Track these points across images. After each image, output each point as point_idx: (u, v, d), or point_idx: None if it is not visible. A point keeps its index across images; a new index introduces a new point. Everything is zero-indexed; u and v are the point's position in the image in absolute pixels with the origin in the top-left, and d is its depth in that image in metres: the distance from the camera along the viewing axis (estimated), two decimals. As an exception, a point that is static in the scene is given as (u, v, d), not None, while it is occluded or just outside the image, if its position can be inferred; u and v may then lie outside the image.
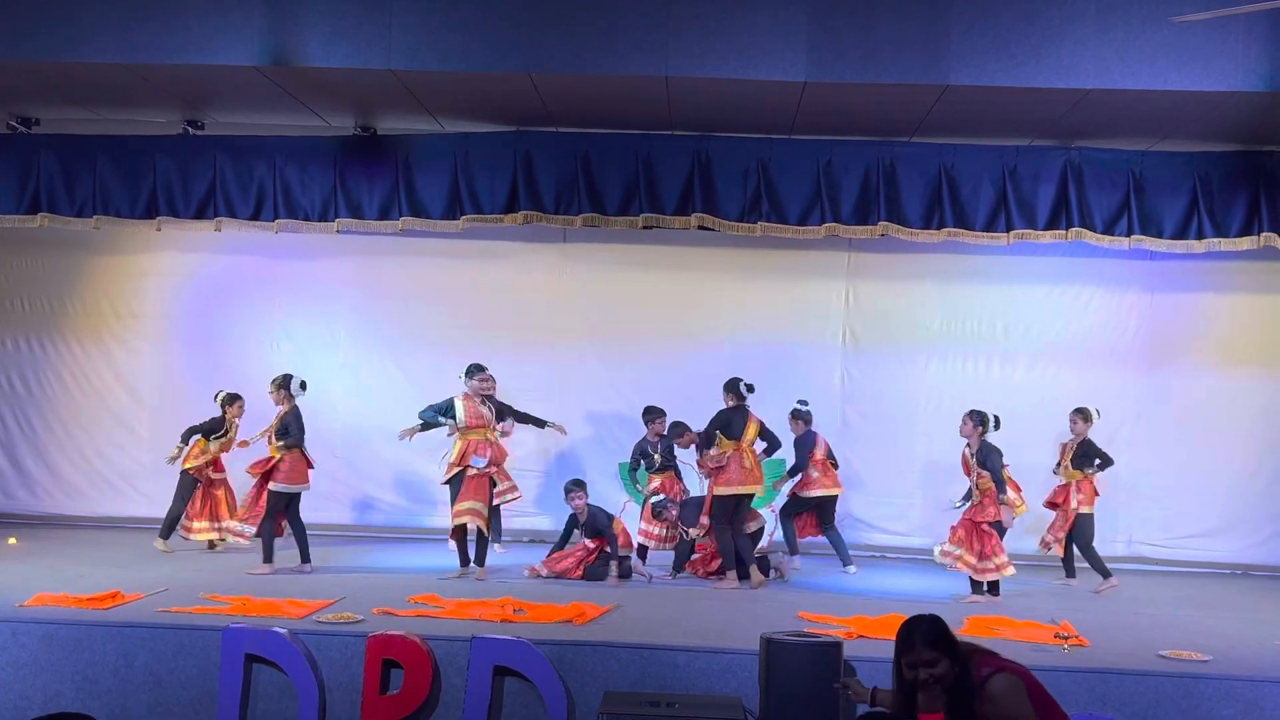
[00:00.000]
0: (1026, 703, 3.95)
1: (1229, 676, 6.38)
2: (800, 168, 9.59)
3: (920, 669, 3.96)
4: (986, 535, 8.68)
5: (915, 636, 4.00)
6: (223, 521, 9.92)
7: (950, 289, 10.98)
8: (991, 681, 3.94)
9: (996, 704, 3.90)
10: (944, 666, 3.96)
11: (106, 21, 8.29)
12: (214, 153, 9.89)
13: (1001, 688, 3.94)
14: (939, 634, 4.01)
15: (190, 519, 9.90)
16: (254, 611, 7.07)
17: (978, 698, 3.91)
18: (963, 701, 3.93)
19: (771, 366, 10.53)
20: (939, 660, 3.96)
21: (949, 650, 3.98)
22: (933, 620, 4.07)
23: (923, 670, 3.95)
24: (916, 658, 3.97)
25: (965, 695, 3.93)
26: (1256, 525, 10.74)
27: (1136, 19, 8.09)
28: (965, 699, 3.93)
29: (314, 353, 11.24)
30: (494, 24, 8.27)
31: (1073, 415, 9.67)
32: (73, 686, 6.54)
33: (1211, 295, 10.84)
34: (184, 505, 9.87)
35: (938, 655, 3.97)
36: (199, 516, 9.93)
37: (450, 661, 6.46)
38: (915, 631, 4.02)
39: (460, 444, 9.16)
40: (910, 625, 4.06)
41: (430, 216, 9.84)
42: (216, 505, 10.00)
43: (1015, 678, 4.00)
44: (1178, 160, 9.49)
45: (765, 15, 8.20)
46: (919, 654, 3.97)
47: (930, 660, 3.96)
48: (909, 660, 3.99)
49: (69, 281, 11.42)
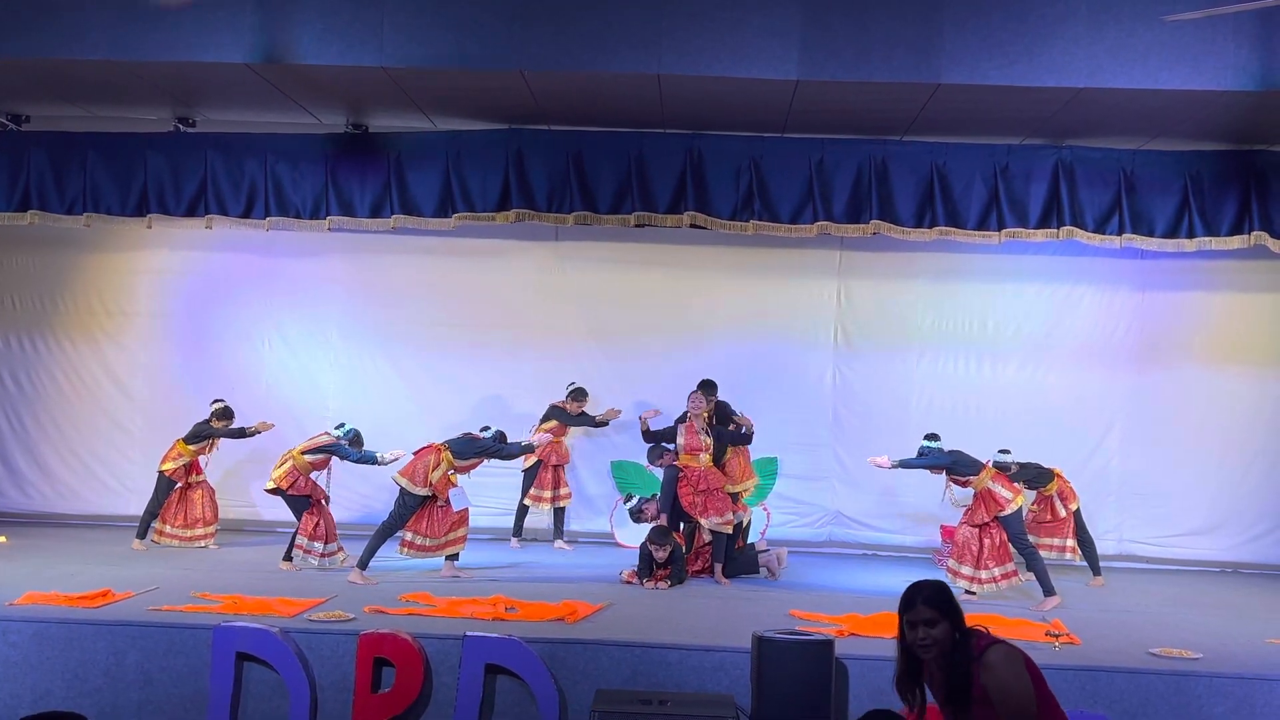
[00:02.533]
0: (1025, 674, 3.95)
1: (1219, 674, 6.41)
2: (792, 166, 9.59)
3: (920, 628, 3.95)
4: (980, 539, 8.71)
5: (918, 597, 4.01)
6: (196, 528, 9.93)
7: (942, 287, 10.99)
8: (991, 650, 3.95)
9: (994, 672, 3.90)
10: (943, 629, 3.95)
11: (97, 18, 8.26)
12: (205, 150, 9.87)
13: (1000, 656, 3.94)
14: (941, 596, 4.02)
15: (163, 521, 9.88)
16: (245, 610, 7.06)
17: (976, 665, 3.91)
18: (960, 668, 3.92)
19: (763, 365, 10.55)
20: (939, 621, 3.96)
21: (950, 613, 3.98)
22: (937, 583, 4.08)
23: (922, 629, 3.95)
24: (917, 615, 3.97)
25: (963, 662, 3.92)
26: (1247, 523, 10.77)
27: (1128, 18, 8.10)
28: (963, 665, 3.92)
29: (305, 351, 11.25)
30: (486, 22, 8.26)
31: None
32: (63, 685, 6.52)
33: (1202, 294, 10.87)
34: (159, 507, 9.85)
35: (937, 615, 3.96)
36: (172, 520, 9.91)
37: (442, 660, 6.46)
38: (919, 591, 4.03)
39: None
40: (915, 587, 4.06)
41: (422, 214, 9.83)
42: (190, 508, 9.98)
43: (1014, 650, 4.01)
44: (1169, 159, 9.51)
45: (757, 13, 8.19)
46: (920, 611, 3.97)
47: (930, 619, 3.95)
48: (910, 618, 4.00)
49: (60, 279, 11.38)
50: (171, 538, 9.90)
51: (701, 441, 9.27)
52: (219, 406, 10.00)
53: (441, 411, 10.77)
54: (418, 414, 10.93)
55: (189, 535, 9.91)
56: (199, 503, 10.01)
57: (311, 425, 11.08)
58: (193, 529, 9.93)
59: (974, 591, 8.56)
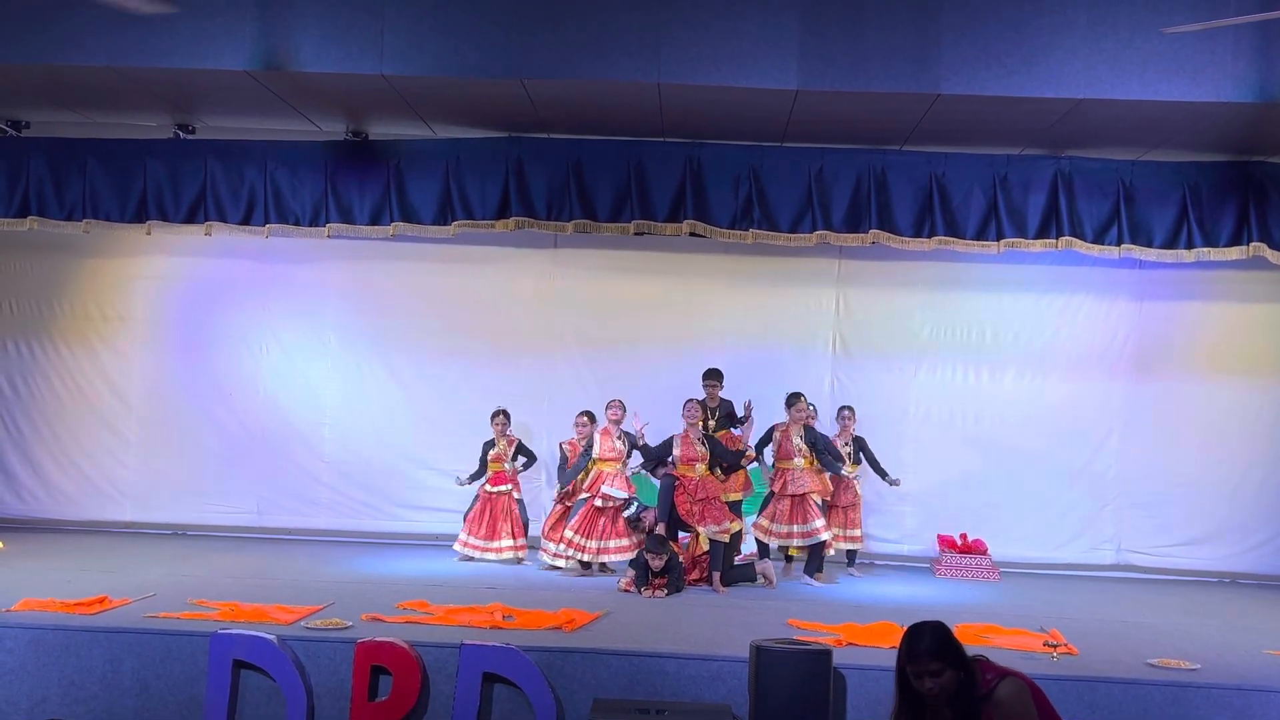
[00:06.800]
0: (1032, 707, 3.91)
1: (1217, 685, 6.39)
2: (791, 175, 9.61)
3: (926, 678, 3.89)
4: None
5: (920, 646, 3.90)
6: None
7: (940, 297, 11.00)
8: (999, 687, 3.89)
9: (1004, 709, 3.85)
10: (949, 676, 3.87)
11: (96, 25, 8.27)
12: (204, 157, 9.87)
13: (1009, 692, 3.88)
14: (944, 642, 3.91)
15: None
16: (242, 617, 7.04)
17: (985, 704, 3.86)
18: (969, 708, 3.87)
19: (762, 373, 10.54)
20: (944, 670, 3.88)
21: (954, 659, 3.90)
22: (936, 628, 3.95)
23: (928, 680, 3.88)
24: (922, 667, 3.88)
25: (972, 701, 3.87)
26: (1245, 533, 10.76)
27: (1126, 29, 8.13)
28: (971, 705, 3.87)
29: (303, 358, 11.23)
30: (486, 30, 8.27)
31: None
32: (59, 692, 6.50)
33: (1200, 304, 10.87)
34: None
35: (942, 665, 3.87)
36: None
37: (439, 668, 6.44)
38: (920, 640, 3.91)
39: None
40: (915, 633, 3.94)
41: (421, 222, 9.84)
42: None
43: (1021, 683, 3.95)
44: (1167, 170, 9.53)
45: (757, 23, 8.21)
46: (924, 664, 3.88)
47: (935, 670, 3.87)
48: (914, 670, 3.90)
49: (57, 285, 11.37)
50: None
51: (697, 451, 9.27)
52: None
53: (439, 418, 10.77)
54: (415, 421, 10.93)
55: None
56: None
57: (308, 432, 11.11)
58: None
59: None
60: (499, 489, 9.98)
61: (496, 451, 10.02)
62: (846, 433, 10.15)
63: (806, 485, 9.37)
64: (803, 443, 9.47)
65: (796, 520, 9.35)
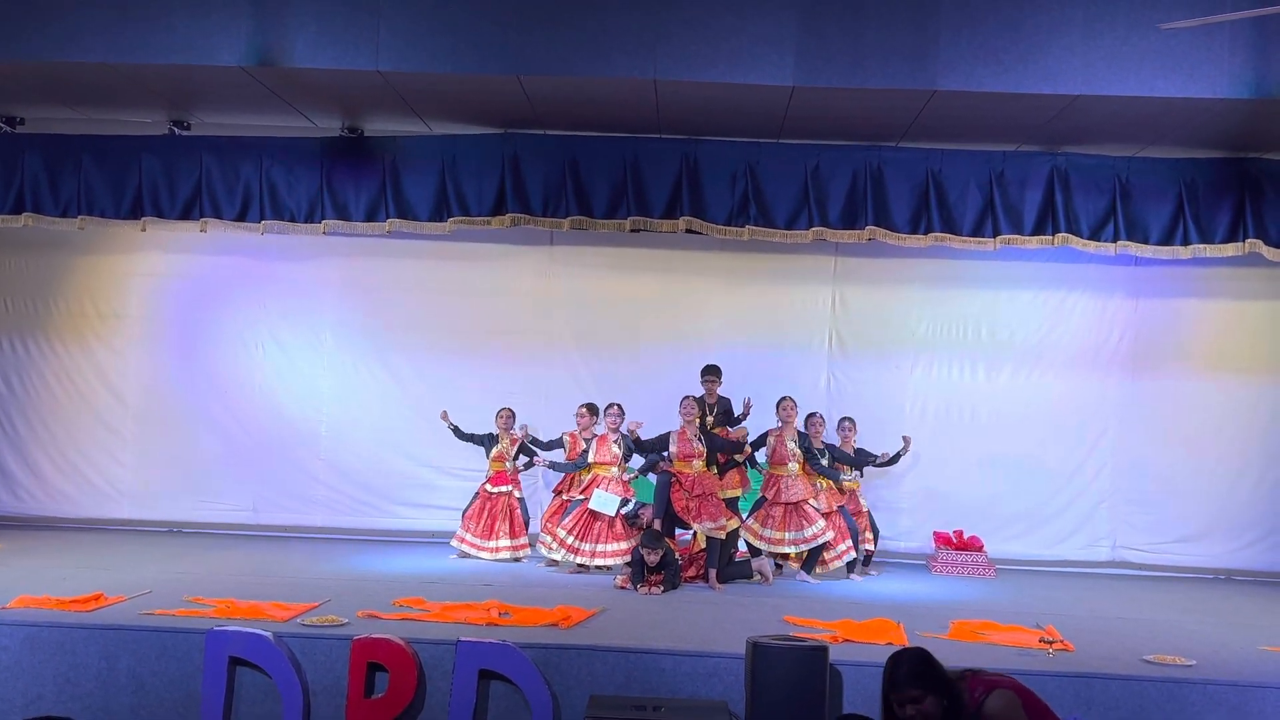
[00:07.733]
0: (1024, 716, 3.91)
1: (1213, 681, 6.39)
2: (788, 172, 9.61)
3: (908, 706, 3.89)
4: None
5: (900, 674, 3.93)
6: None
7: (936, 293, 11.00)
8: (988, 702, 3.89)
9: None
10: (931, 703, 3.89)
11: (92, 21, 8.26)
12: (200, 153, 9.86)
13: (999, 706, 3.88)
14: (924, 669, 3.94)
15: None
16: (238, 614, 7.03)
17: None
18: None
19: (758, 370, 10.53)
20: (924, 696, 3.89)
21: (935, 686, 3.91)
22: (914, 655, 3.99)
23: (910, 707, 3.88)
24: (904, 695, 3.90)
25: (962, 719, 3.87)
26: (1241, 530, 10.77)
27: (1123, 26, 8.13)
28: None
29: (299, 354, 11.21)
30: (482, 26, 8.26)
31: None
32: (54, 689, 6.48)
33: (1196, 301, 10.88)
34: None
35: (923, 691, 3.89)
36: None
37: (435, 665, 6.43)
38: (899, 669, 3.94)
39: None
40: (895, 662, 3.98)
41: (417, 218, 9.84)
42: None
43: (1010, 693, 3.95)
44: (1164, 166, 9.54)
45: (754, 20, 8.21)
46: (904, 691, 3.90)
47: (916, 697, 3.89)
48: (897, 698, 3.92)
49: (53, 282, 11.34)
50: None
51: (694, 448, 9.27)
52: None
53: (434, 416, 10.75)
54: (411, 418, 10.91)
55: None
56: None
57: (305, 429, 11.09)
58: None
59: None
60: (499, 489, 9.96)
61: (499, 450, 10.00)
62: (848, 444, 10.09)
63: (800, 493, 9.34)
64: (797, 448, 9.45)
65: (790, 528, 9.32)
